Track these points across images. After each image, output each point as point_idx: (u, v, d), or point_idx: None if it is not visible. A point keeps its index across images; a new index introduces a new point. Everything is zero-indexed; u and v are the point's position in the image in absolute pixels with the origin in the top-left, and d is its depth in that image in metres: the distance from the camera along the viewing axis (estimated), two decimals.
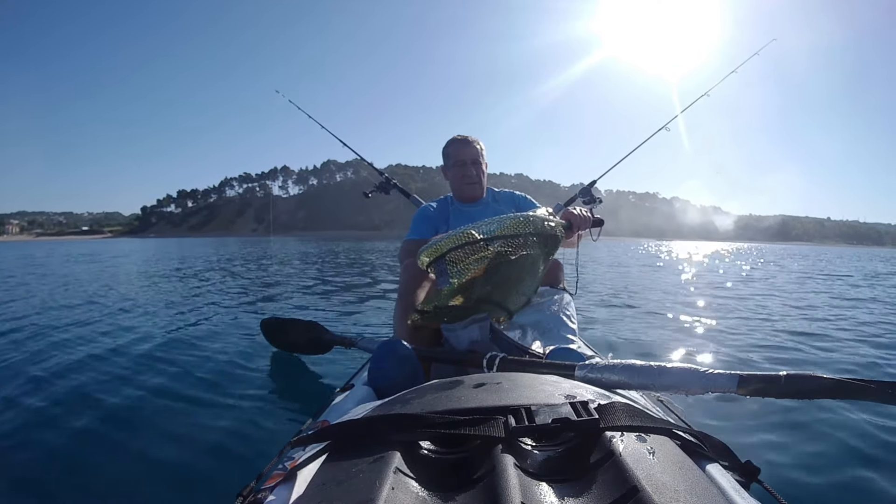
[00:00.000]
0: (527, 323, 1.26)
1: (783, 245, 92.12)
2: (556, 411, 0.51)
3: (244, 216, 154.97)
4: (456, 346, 1.18)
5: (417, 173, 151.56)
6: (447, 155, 1.75)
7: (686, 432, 0.54)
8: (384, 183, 2.63)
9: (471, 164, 1.69)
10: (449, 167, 1.75)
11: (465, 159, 1.69)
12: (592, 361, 0.83)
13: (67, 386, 2.13)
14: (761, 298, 5.69)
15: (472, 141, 1.71)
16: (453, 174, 1.73)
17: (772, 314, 4.45)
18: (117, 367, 2.42)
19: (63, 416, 1.81)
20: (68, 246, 26.97)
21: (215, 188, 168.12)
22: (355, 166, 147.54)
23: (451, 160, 1.72)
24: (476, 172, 1.69)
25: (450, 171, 1.75)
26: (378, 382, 0.95)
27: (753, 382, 0.69)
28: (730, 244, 75.38)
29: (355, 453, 0.48)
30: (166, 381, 2.21)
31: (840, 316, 4.47)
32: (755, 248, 42.40)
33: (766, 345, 3.10)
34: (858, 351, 3.02)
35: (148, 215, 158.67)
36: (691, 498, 0.39)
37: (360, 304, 4.87)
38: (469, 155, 1.69)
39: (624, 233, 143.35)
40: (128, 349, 2.77)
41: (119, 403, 1.92)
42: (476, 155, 1.70)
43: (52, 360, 2.53)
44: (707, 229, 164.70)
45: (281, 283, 6.83)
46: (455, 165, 1.71)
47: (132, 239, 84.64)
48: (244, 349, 2.75)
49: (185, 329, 3.38)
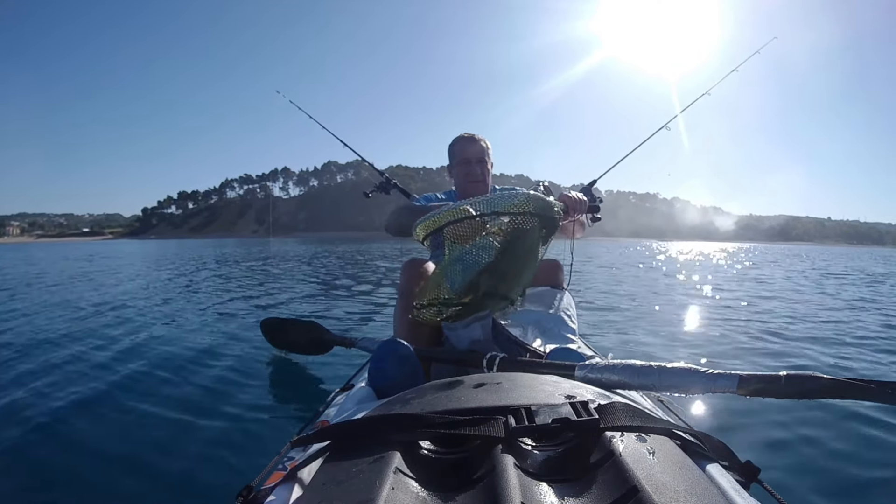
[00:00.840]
0: (527, 323, 1.26)
1: (784, 245, 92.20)
2: (556, 411, 0.51)
3: (245, 217, 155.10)
4: (457, 345, 1.17)
5: (418, 174, 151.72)
6: (453, 153, 1.74)
7: (686, 432, 0.54)
8: (384, 183, 2.62)
9: (476, 163, 1.67)
10: (454, 165, 1.73)
11: (470, 157, 1.68)
12: (592, 361, 0.83)
13: (67, 386, 2.13)
14: (757, 300, 5.70)
15: (478, 139, 1.70)
16: (458, 172, 1.72)
17: (762, 315, 4.45)
18: (117, 368, 2.42)
19: (63, 416, 1.81)
20: (69, 248, 26.95)
21: (216, 189, 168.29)
22: (356, 167, 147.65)
23: (457, 158, 1.71)
24: (481, 171, 1.68)
25: (455, 169, 1.74)
26: (378, 382, 0.94)
27: (753, 382, 0.69)
28: (730, 244, 75.43)
29: (355, 453, 0.48)
30: (166, 381, 2.21)
31: (825, 316, 4.47)
32: (755, 248, 42.37)
33: (749, 347, 3.11)
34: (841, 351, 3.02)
35: (149, 217, 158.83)
36: (691, 498, 0.39)
37: (359, 304, 4.87)
38: (474, 153, 1.68)
39: (623, 233, 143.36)
40: (128, 350, 2.77)
41: (119, 404, 1.92)
42: (481, 153, 1.69)
43: (53, 360, 2.53)
44: (707, 230, 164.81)
45: (281, 284, 6.83)
46: (460, 163, 1.70)
47: (133, 241, 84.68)
48: (244, 349, 2.75)
49: (185, 330, 3.38)
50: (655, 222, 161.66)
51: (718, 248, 41.43)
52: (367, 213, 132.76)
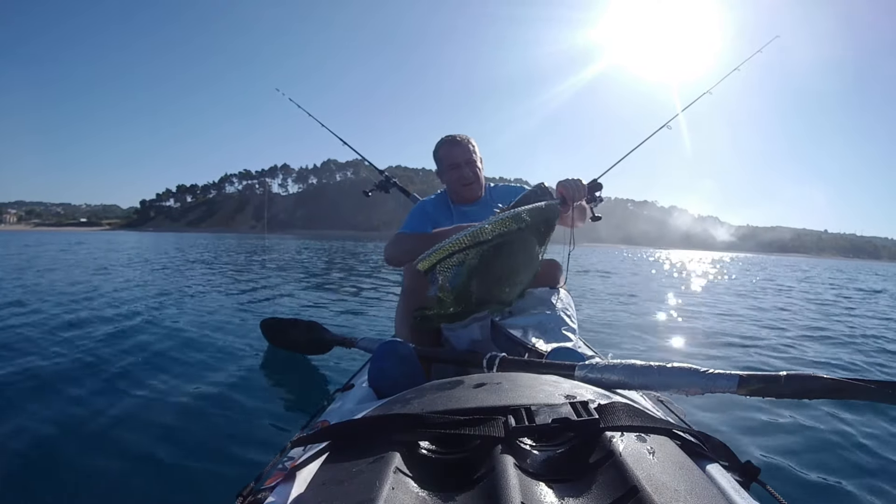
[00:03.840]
0: (527, 323, 1.26)
1: (779, 256, 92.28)
2: (556, 411, 0.51)
3: (243, 213, 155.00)
4: (456, 345, 1.18)
5: (417, 175, 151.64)
6: (438, 159, 1.66)
7: (686, 432, 0.54)
8: (384, 181, 2.62)
9: (465, 165, 1.60)
10: (443, 171, 1.65)
11: (458, 161, 1.60)
12: (592, 361, 0.83)
13: (66, 386, 2.12)
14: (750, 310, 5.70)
15: (461, 140, 1.62)
16: (448, 177, 1.64)
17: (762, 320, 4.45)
18: (116, 367, 2.42)
19: (63, 416, 1.81)
20: (69, 237, 26.90)
21: (215, 184, 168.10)
22: (355, 166, 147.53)
23: (444, 164, 1.63)
24: (472, 172, 1.61)
25: (445, 175, 1.66)
26: (378, 382, 0.95)
27: (753, 382, 0.69)
28: (726, 254, 75.48)
29: (355, 453, 0.48)
30: (166, 381, 2.21)
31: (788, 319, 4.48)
32: (751, 260, 42.33)
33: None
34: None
35: (147, 209, 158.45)
36: (691, 498, 0.39)
37: (360, 304, 4.87)
38: (461, 156, 1.60)
39: (615, 240, 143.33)
40: (127, 350, 2.77)
41: (118, 404, 1.92)
42: (469, 154, 1.61)
43: (52, 361, 2.53)
44: (704, 239, 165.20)
45: (279, 283, 6.83)
46: (449, 169, 1.62)
47: (130, 232, 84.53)
48: (244, 349, 2.75)
49: (184, 329, 3.38)
50: (652, 230, 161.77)
51: (717, 257, 41.42)
52: (366, 212, 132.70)
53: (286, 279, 7.48)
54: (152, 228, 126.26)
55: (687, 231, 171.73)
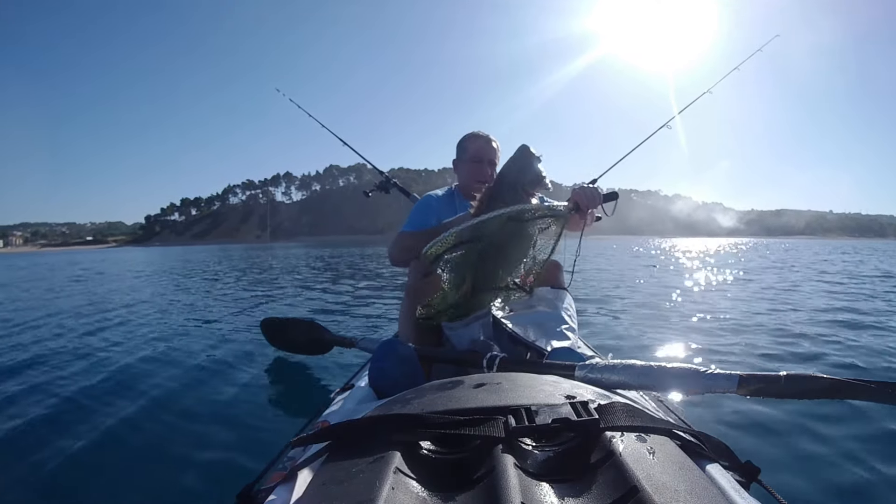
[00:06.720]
0: (527, 322, 1.26)
1: (785, 239, 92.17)
2: (556, 411, 0.51)
3: (248, 223, 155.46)
4: (457, 344, 1.18)
5: (419, 176, 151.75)
6: (464, 149, 1.70)
7: (686, 432, 0.54)
8: (384, 182, 2.62)
9: (487, 164, 1.66)
10: (464, 161, 1.70)
11: (483, 157, 1.66)
12: (592, 361, 0.83)
13: (69, 387, 2.13)
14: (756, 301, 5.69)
15: (493, 141, 1.70)
16: (467, 169, 1.68)
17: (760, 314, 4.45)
18: (118, 369, 2.42)
19: (64, 417, 1.81)
20: (75, 256, 26.94)
21: (219, 195, 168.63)
22: (358, 171, 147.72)
23: (468, 154, 1.68)
24: (491, 173, 1.66)
25: (464, 165, 1.70)
26: (378, 382, 0.94)
27: (753, 382, 0.69)
28: (732, 240, 75.44)
29: (355, 453, 0.48)
30: (167, 382, 2.21)
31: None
32: (759, 244, 42.29)
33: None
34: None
35: (152, 224, 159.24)
36: (691, 498, 0.39)
37: (360, 304, 4.87)
38: (488, 154, 1.66)
39: (622, 230, 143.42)
40: (129, 351, 2.77)
41: (119, 404, 1.92)
42: (493, 156, 1.68)
43: (55, 363, 2.53)
44: (709, 226, 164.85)
45: (281, 285, 6.83)
46: (471, 160, 1.67)
47: (137, 248, 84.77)
48: (244, 349, 2.75)
49: (185, 330, 3.38)
50: (657, 219, 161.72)
51: (724, 243, 41.22)
52: (370, 216, 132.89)
53: (289, 282, 7.48)
54: (158, 243, 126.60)
55: (691, 219, 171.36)
